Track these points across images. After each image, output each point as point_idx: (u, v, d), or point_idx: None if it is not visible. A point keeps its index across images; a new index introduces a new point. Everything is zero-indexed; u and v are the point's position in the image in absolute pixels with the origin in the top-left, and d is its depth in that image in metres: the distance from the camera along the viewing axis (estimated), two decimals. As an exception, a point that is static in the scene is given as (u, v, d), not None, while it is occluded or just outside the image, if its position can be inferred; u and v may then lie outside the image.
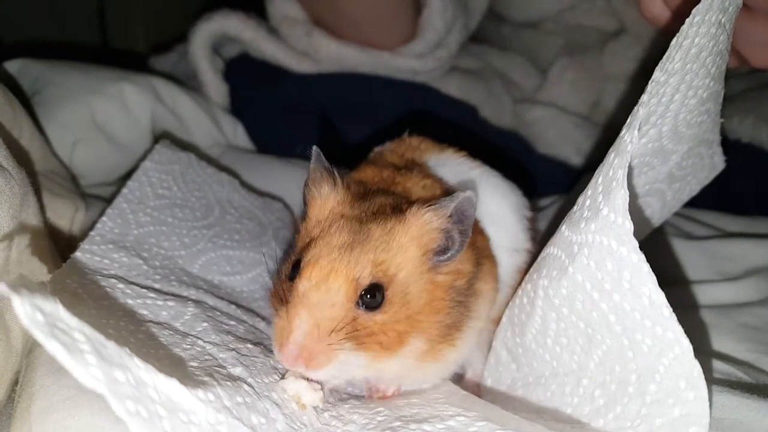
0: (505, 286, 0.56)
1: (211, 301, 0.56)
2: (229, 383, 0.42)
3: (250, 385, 0.43)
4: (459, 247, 0.46)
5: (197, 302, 0.54)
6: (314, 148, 0.51)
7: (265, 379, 0.45)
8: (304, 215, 0.51)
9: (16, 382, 0.48)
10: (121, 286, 0.52)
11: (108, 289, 0.51)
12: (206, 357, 0.46)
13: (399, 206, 0.48)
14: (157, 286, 0.55)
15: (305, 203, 0.51)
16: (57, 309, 0.32)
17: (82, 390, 0.43)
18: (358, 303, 0.44)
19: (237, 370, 0.45)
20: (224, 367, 0.45)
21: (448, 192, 0.53)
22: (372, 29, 1.03)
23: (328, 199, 0.49)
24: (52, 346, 0.30)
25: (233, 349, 0.48)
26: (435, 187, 0.54)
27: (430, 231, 0.46)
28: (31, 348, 0.51)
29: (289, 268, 0.47)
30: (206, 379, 0.42)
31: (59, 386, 0.44)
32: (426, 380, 0.52)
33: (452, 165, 0.59)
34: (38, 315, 0.30)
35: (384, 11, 1.03)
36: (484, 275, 0.52)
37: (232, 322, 0.54)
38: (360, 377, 0.47)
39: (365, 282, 0.44)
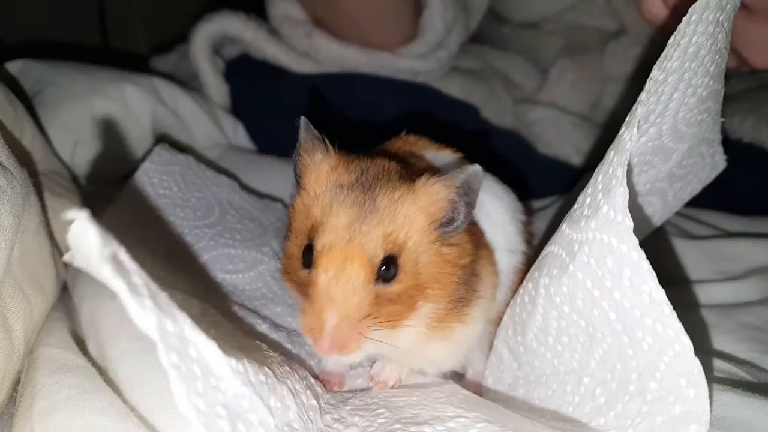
0: (503, 286, 0.56)
1: (213, 297, 0.56)
2: (254, 362, 0.41)
3: (269, 367, 0.43)
4: (464, 219, 0.47)
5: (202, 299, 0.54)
6: (302, 118, 0.50)
7: (280, 368, 0.46)
8: (299, 187, 0.50)
9: (18, 382, 0.48)
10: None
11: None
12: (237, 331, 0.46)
13: (403, 172, 0.48)
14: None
15: (298, 175, 0.51)
16: (120, 250, 0.32)
17: (85, 389, 0.43)
18: (376, 280, 0.44)
19: (263, 351, 0.46)
20: (251, 345, 0.46)
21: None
22: (373, 30, 1.03)
23: (321, 167, 0.49)
24: (117, 285, 0.30)
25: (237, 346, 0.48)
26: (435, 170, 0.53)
27: (439, 201, 0.46)
28: (33, 347, 0.51)
29: (300, 253, 0.47)
30: (237, 352, 0.41)
31: (61, 386, 0.44)
32: (436, 361, 0.52)
33: (448, 164, 0.59)
34: (106, 250, 0.31)
35: (385, 12, 1.03)
36: (482, 259, 0.52)
37: (235, 322, 0.54)
38: (387, 350, 0.47)
39: (379, 257, 0.44)
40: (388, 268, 0.44)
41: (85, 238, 0.30)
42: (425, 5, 1.02)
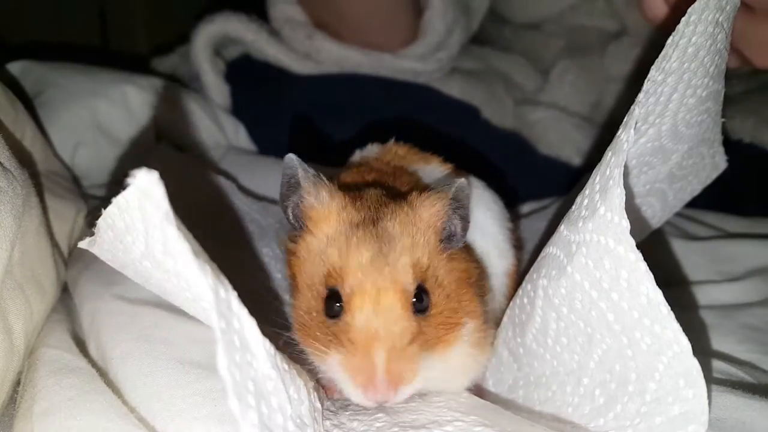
0: (495, 293, 0.56)
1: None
2: (278, 351, 0.41)
3: (290, 363, 0.43)
4: (463, 232, 0.46)
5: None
6: (288, 156, 0.46)
7: (294, 366, 0.45)
8: (300, 232, 0.47)
9: (18, 383, 0.48)
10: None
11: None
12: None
13: (395, 197, 0.48)
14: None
15: (297, 220, 0.47)
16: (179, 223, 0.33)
17: (85, 390, 0.44)
18: (413, 311, 0.42)
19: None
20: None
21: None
22: (373, 31, 1.03)
23: (331, 207, 0.45)
24: (181, 246, 0.32)
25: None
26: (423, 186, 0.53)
27: (438, 216, 0.45)
28: (33, 349, 0.51)
29: (320, 305, 0.44)
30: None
31: (61, 387, 0.44)
32: (466, 374, 0.50)
33: (437, 175, 0.58)
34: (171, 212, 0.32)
35: (385, 14, 1.04)
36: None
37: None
38: (438, 377, 0.45)
39: (411, 288, 0.42)
40: (420, 299, 0.43)
41: (153, 195, 0.31)
42: (426, 6, 1.02)
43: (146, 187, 0.32)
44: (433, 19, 1.01)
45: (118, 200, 0.33)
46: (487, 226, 0.57)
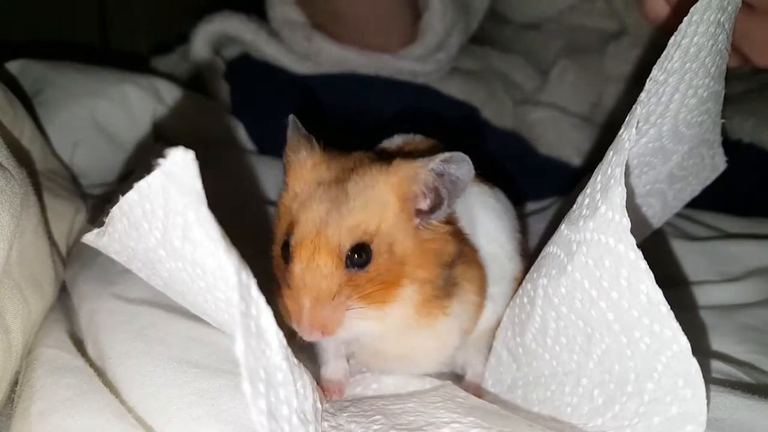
0: (500, 297, 0.55)
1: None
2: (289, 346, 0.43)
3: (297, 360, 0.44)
4: (446, 206, 0.47)
5: None
6: (290, 116, 0.51)
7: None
8: (284, 186, 0.51)
9: (16, 383, 0.48)
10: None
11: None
12: None
13: (381, 161, 0.48)
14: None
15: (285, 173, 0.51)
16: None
17: (83, 390, 0.44)
18: (347, 265, 0.45)
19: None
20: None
21: None
22: (372, 33, 1.03)
23: (305, 165, 0.49)
24: (211, 227, 0.32)
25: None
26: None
27: (411, 182, 0.46)
28: (31, 348, 0.51)
29: (279, 250, 0.49)
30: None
31: (59, 386, 0.44)
32: (421, 357, 0.52)
33: None
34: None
35: (384, 15, 1.03)
36: (469, 268, 0.52)
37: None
38: (373, 330, 0.48)
39: (347, 247, 0.45)
40: (360, 255, 0.46)
41: (181, 178, 0.32)
42: (425, 7, 1.02)
43: (175, 170, 0.32)
44: (433, 20, 1.01)
45: (141, 185, 0.34)
46: (497, 235, 0.56)
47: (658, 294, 0.37)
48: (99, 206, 0.73)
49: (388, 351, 0.52)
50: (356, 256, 0.46)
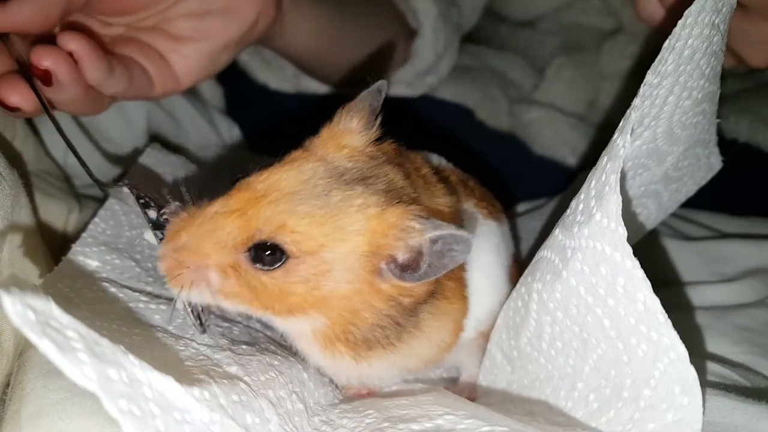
0: (481, 324, 0.54)
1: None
2: (225, 381, 0.41)
3: (246, 383, 0.43)
4: (419, 278, 0.41)
5: None
6: (381, 82, 0.46)
7: (261, 377, 0.45)
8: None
9: (7, 385, 0.48)
10: (113, 289, 0.51)
11: (100, 293, 0.51)
12: (201, 357, 0.46)
13: (394, 192, 0.43)
14: (149, 288, 0.54)
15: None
16: (49, 307, 0.31)
17: (74, 393, 0.43)
18: (249, 252, 0.41)
19: (233, 369, 0.45)
20: (220, 366, 0.45)
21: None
22: (361, 69, 1.00)
23: (340, 134, 0.45)
24: (43, 345, 0.30)
25: (228, 350, 0.48)
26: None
27: (397, 239, 0.41)
28: (23, 350, 0.50)
29: (231, 182, 0.45)
30: (202, 377, 0.41)
31: (50, 389, 0.43)
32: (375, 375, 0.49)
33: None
34: (29, 313, 0.30)
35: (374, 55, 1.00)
36: (448, 293, 0.48)
37: (226, 324, 0.53)
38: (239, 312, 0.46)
39: (261, 238, 0.41)
40: (272, 253, 0.41)
41: (6, 304, 0.29)
42: (417, 34, 0.99)
43: (13, 304, 0.29)
44: (423, 48, 0.99)
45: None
46: (492, 271, 0.54)
47: (655, 303, 0.37)
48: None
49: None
50: (264, 252, 0.41)
